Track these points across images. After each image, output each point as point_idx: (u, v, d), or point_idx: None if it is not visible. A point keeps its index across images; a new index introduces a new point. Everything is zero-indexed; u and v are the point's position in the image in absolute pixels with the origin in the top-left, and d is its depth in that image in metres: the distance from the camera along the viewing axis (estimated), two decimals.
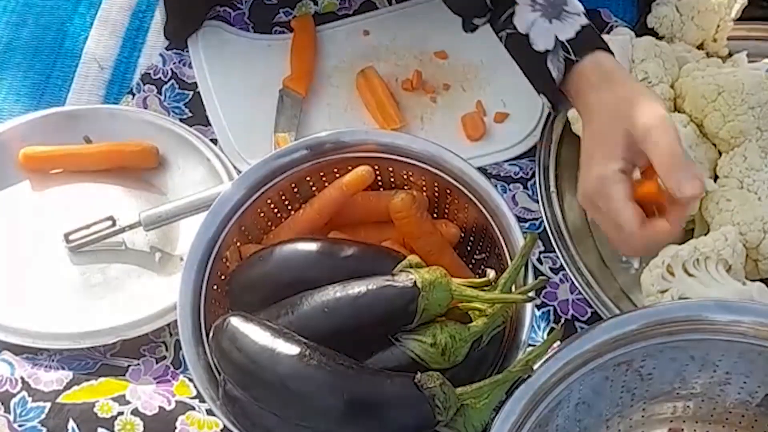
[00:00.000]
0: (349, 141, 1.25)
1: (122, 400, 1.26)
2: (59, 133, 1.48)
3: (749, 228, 1.29)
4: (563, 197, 1.44)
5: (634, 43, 1.44)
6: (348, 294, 1.09)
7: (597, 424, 1.18)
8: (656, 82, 1.41)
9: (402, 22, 1.64)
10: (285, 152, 1.25)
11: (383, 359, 1.09)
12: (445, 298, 1.09)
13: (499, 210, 1.21)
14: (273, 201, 1.27)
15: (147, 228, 1.34)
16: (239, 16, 1.64)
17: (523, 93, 1.54)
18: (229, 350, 1.07)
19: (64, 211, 1.42)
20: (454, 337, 1.09)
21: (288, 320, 1.10)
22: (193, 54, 1.60)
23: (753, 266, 1.32)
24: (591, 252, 1.40)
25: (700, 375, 1.15)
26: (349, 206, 1.27)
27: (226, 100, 1.55)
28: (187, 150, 1.48)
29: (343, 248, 1.16)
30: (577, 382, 1.10)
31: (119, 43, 1.63)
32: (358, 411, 1.03)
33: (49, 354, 1.31)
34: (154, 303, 1.33)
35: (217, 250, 1.21)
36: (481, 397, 1.07)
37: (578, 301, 1.37)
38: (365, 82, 1.55)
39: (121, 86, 1.59)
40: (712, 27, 1.53)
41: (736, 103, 1.35)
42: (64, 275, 1.37)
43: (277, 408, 1.06)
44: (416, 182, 1.28)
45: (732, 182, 1.34)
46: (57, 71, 1.61)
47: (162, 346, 1.33)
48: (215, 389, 1.12)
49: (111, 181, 1.46)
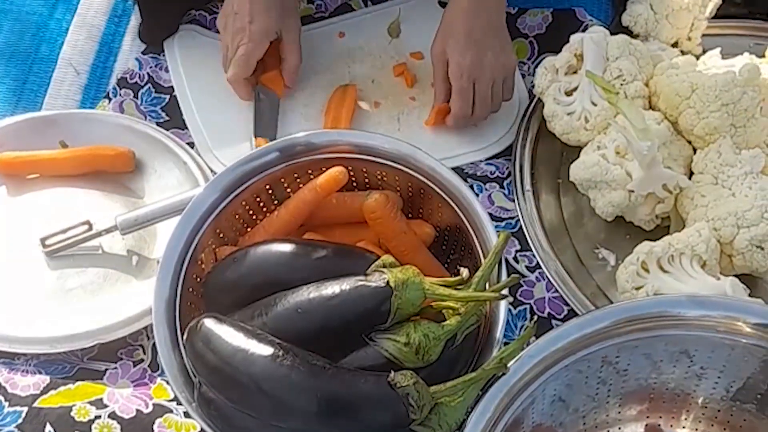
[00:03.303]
0: (320, 142, 1.26)
1: (99, 403, 1.26)
2: (35, 138, 1.48)
3: (723, 223, 1.29)
4: (539, 196, 1.45)
5: (609, 41, 1.44)
6: (321, 294, 1.10)
7: (574, 420, 1.19)
8: (630, 79, 1.42)
9: (378, 24, 1.65)
10: (257, 155, 1.26)
11: (358, 359, 1.10)
12: (418, 297, 1.10)
13: (472, 209, 1.21)
14: (248, 203, 1.27)
15: (123, 232, 1.35)
16: (215, 19, 1.64)
17: None
18: (203, 352, 1.07)
19: (41, 216, 1.42)
20: (428, 336, 1.09)
21: (262, 321, 1.10)
22: (169, 58, 1.60)
23: (727, 261, 1.32)
24: (567, 250, 1.41)
25: (675, 370, 1.16)
26: (323, 207, 1.27)
27: (202, 104, 1.55)
28: (164, 153, 1.48)
29: (316, 249, 1.16)
30: (552, 379, 1.11)
31: (95, 48, 1.63)
32: (332, 410, 1.04)
33: (26, 358, 1.31)
34: (131, 306, 1.33)
35: (192, 253, 1.22)
36: (456, 396, 1.08)
37: (554, 299, 1.37)
38: (341, 96, 1.55)
39: (97, 91, 1.59)
40: (686, 25, 1.54)
41: (710, 100, 1.36)
42: (41, 280, 1.37)
43: (252, 409, 1.06)
44: (390, 182, 1.28)
45: (706, 178, 1.35)
46: (33, 76, 1.61)
47: (139, 349, 1.33)
48: (191, 391, 1.12)
49: (87, 185, 1.46)
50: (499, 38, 1.46)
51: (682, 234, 1.29)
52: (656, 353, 1.14)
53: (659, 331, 1.12)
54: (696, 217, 1.33)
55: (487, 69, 1.43)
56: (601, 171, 1.36)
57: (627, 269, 1.29)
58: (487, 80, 1.44)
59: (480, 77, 1.43)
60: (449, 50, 1.44)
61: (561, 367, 1.11)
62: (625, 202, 1.36)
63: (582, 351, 1.11)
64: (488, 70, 1.43)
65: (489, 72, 1.43)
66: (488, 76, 1.44)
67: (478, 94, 1.45)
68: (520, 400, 1.09)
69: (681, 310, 1.11)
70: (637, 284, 1.28)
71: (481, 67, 1.43)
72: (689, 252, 1.27)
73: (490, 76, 1.44)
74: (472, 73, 1.43)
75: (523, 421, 1.11)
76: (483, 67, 1.43)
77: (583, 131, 1.43)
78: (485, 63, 1.43)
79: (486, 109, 1.48)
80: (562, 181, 1.47)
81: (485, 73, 1.43)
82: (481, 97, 1.46)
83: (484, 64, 1.43)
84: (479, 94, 1.45)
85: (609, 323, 1.11)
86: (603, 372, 1.15)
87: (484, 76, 1.44)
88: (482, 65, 1.43)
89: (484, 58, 1.43)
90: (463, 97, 1.45)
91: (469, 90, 1.44)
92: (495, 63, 1.44)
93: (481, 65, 1.43)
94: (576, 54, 1.46)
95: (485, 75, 1.43)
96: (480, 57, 1.42)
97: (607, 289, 1.37)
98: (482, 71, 1.43)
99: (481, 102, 1.46)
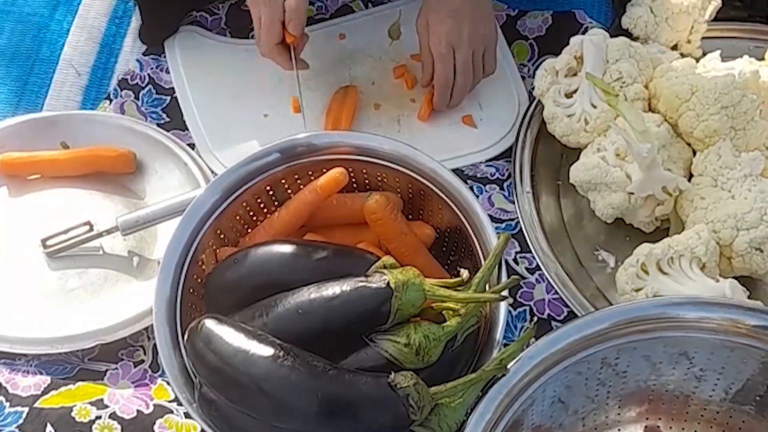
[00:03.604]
0: (321, 144, 1.26)
1: (100, 404, 1.26)
2: (36, 139, 1.48)
3: (723, 225, 1.30)
4: (539, 198, 1.45)
5: (609, 44, 1.45)
6: (322, 295, 1.10)
7: (573, 422, 1.19)
8: (630, 82, 1.42)
9: (378, 26, 1.65)
10: (258, 156, 1.26)
11: (358, 360, 1.10)
12: (419, 299, 1.10)
13: (472, 210, 1.22)
14: (248, 204, 1.28)
15: (124, 233, 1.35)
16: (216, 21, 1.65)
17: (499, 95, 1.56)
18: (204, 352, 1.08)
19: (42, 217, 1.43)
20: (428, 337, 1.09)
21: (263, 322, 1.11)
22: (170, 59, 1.60)
23: (727, 264, 1.33)
24: (567, 252, 1.41)
25: (674, 371, 1.16)
26: (324, 208, 1.27)
27: (203, 105, 1.55)
28: (164, 154, 1.48)
29: (317, 250, 1.17)
30: (551, 380, 1.11)
31: (96, 49, 1.64)
32: (333, 411, 1.04)
33: (27, 359, 1.31)
34: (131, 307, 1.33)
35: (192, 253, 1.22)
36: (456, 396, 1.08)
37: (554, 300, 1.37)
38: (341, 98, 1.55)
39: (98, 92, 1.59)
40: (685, 28, 1.54)
41: (710, 102, 1.36)
42: (42, 280, 1.38)
43: (252, 409, 1.06)
44: (390, 184, 1.29)
45: (706, 180, 1.35)
46: (34, 77, 1.61)
47: (140, 350, 1.34)
48: (192, 392, 1.13)
49: (88, 186, 1.47)
50: (480, 10, 1.49)
51: (682, 236, 1.29)
52: (655, 355, 1.14)
53: (658, 332, 1.12)
54: (695, 220, 1.33)
55: (466, 37, 1.46)
56: (600, 173, 1.36)
57: (626, 271, 1.29)
58: (466, 48, 1.47)
59: (459, 45, 1.46)
60: (430, 20, 1.47)
61: (560, 369, 1.11)
62: (625, 204, 1.36)
63: (581, 352, 1.11)
64: (467, 38, 1.46)
65: (468, 40, 1.46)
66: (467, 45, 1.47)
67: (459, 62, 1.48)
68: (519, 401, 1.09)
69: (680, 312, 1.11)
70: (637, 286, 1.28)
71: (459, 34, 1.46)
72: (689, 254, 1.27)
73: (469, 44, 1.47)
74: (451, 39, 1.46)
75: (522, 423, 1.12)
76: (461, 35, 1.46)
77: (583, 133, 1.43)
78: (464, 31, 1.46)
79: (468, 79, 1.50)
80: (562, 183, 1.47)
81: (464, 40, 1.46)
82: (462, 65, 1.48)
83: (462, 32, 1.46)
84: (459, 62, 1.48)
85: (608, 325, 1.11)
86: (602, 373, 1.15)
87: (463, 44, 1.46)
88: (460, 33, 1.46)
89: (462, 26, 1.46)
90: (443, 64, 1.48)
91: (449, 56, 1.47)
92: (474, 33, 1.47)
93: (460, 32, 1.46)
94: (576, 56, 1.46)
95: (464, 43, 1.46)
96: (459, 25, 1.45)
97: (606, 291, 1.37)
98: (461, 39, 1.46)
99: (462, 70, 1.49)
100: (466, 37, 1.46)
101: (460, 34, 1.46)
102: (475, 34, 1.47)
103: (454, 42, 1.46)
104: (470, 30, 1.46)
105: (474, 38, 1.47)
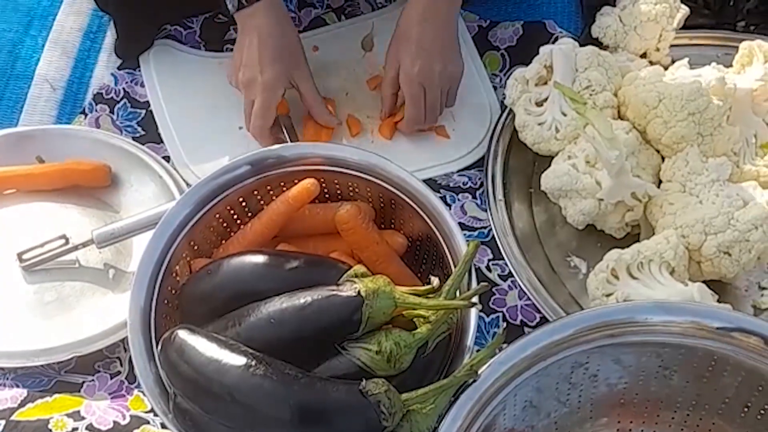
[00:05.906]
0: (291, 155, 1.27)
1: (77, 416, 1.27)
2: (12, 153, 1.49)
3: (691, 230, 1.31)
4: (511, 206, 1.47)
5: (578, 53, 1.47)
6: (294, 304, 1.11)
7: (546, 425, 1.20)
8: (599, 90, 1.44)
9: (351, 38, 1.67)
10: (229, 168, 1.27)
11: (331, 368, 1.11)
12: (389, 306, 1.11)
13: (441, 218, 1.23)
14: (222, 215, 1.29)
15: (100, 245, 1.36)
16: (190, 34, 1.66)
17: (472, 105, 1.58)
18: (177, 363, 1.09)
19: (18, 231, 1.44)
20: (399, 344, 1.10)
21: (235, 332, 1.12)
22: (145, 73, 1.61)
23: (697, 268, 1.34)
24: (539, 259, 1.42)
25: (643, 375, 1.17)
26: (296, 219, 1.28)
27: (178, 118, 1.57)
28: (139, 168, 1.49)
29: (289, 260, 1.18)
30: (522, 384, 1.12)
31: (71, 64, 1.64)
32: (305, 419, 1.05)
33: (3, 372, 1.32)
34: (108, 319, 1.34)
35: (166, 265, 1.23)
36: (427, 403, 1.09)
37: (527, 306, 1.39)
38: None
39: (73, 106, 1.60)
40: (654, 37, 1.56)
41: (677, 109, 1.38)
42: (18, 294, 1.38)
43: (226, 418, 1.07)
44: (362, 193, 1.30)
45: (674, 186, 1.37)
46: (9, 92, 1.61)
47: (116, 361, 1.35)
48: (167, 402, 1.13)
49: (64, 200, 1.47)
50: (450, 47, 1.50)
51: (651, 241, 1.31)
52: (625, 359, 1.15)
53: (627, 337, 1.13)
54: (665, 225, 1.35)
55: (436, 78, 1.48)
56: (571, 180, 1.38)
57: (597, 277, 1.30)
58: (435, 88, 1.49)
59: (430, 85, 1.48)
60: (400, 56, 1.48)
61: (531, 374, 1.12)
62: (596, 210, 1.38)
63: (552, 357, 1.12)
64: (437, 78, 1.48)
65: (438, 81, 1.48)
66: (437, 84, 1.49)
67: (428, 101, 1.50)
68: (491, 406, 1.10)
69: (647, 316, 1.12)
70: (607, 291, 1.29)
71: (431, 75, 1.48)
72: (658, 259, 1.29)
73: (438, 83, 1.49)
74: (422, 80, 1.47)
75: (494, 427, 1.13)
76: (432, 75, 1.48)
77: (553, 141, 1.45)
78: (435, 70, 1.47)
79: (435, 116, 1.53)
80: (534, 191, 1.49)
81: (434, 81, 1.48)
82: (431, 104, 1.50)
83: (433, 72, 1.48)
84: (429, 101, 1.50)
85: (577, 330, 1.12)
86: (573, 377, 1.16)
87: (434, 84, 1.48)
88: (432, 72, 1.47)
89: (433, 65, 1.47)
90: (414, 103, 1.50)
91: (420, 96, 1.49)
92: (444, 71, 1.49)
93: (431, 72, 1.47)
94: (546, 65, 1.48)
95: (434, 83, 1.48)
96: (429, 65, 1.47)
97: (579, 297, 1.39)
98: (431, 79, 1.48)
99: (431, 108, 1.51)
100: (437, 76, 1.48)
101: (432, 73, 1.48)
102: (444, 73, 1.49)
103: (425, 82, 1.48)
104: (440, 69, 1.48)
105: (443, 77, 1.49)
